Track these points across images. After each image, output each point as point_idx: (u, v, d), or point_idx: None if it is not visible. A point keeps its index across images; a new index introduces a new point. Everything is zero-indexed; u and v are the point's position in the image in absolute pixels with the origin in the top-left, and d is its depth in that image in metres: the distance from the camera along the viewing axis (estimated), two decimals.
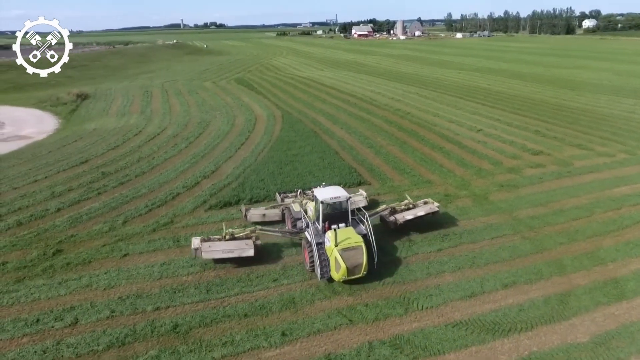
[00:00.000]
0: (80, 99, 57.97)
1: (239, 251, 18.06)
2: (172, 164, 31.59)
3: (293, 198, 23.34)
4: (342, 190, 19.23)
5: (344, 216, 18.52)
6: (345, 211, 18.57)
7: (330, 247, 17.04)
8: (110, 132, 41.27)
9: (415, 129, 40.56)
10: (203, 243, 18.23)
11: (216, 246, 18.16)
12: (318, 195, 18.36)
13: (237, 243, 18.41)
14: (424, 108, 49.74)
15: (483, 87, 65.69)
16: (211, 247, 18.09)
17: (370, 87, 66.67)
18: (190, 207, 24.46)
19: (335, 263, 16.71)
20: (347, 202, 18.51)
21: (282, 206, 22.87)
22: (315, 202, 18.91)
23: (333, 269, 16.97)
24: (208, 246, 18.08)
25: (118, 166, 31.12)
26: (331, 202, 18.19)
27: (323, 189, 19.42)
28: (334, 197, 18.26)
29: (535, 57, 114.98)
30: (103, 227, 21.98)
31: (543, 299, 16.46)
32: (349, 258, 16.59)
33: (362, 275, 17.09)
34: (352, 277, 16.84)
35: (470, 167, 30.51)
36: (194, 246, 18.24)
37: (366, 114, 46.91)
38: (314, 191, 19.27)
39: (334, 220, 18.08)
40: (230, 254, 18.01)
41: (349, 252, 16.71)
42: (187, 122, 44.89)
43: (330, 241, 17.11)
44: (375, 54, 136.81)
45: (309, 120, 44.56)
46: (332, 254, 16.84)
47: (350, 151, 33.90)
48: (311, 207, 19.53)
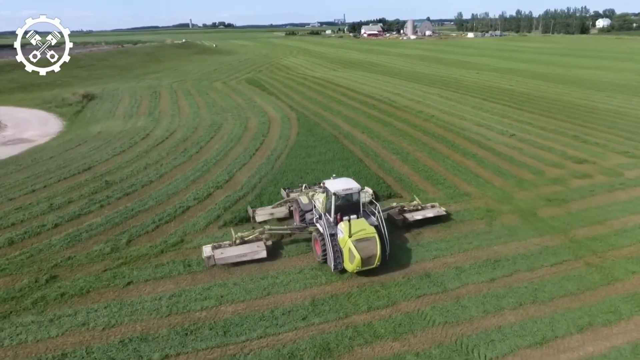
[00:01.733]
0: (86, 100, 55.67)
1: (252, 254, 18.15)
2: (181, 172, 29.01)
3: (298, 192, 22.99)
4: (354, 182, 18.88)
5: (356, 208, 18.44)
6: (357, 203, 18.46)
7: (344, 238, 16.92)
8: (116, 136, 38.83)
9: (442, 133, 37.67)
10: (215, 250, 18.12)
11: (228, 252, 18.10)
12: (330, 187, 18.13)
13: (249, 246, 18.57)
14: (448, 110, 46.79)
15: (505, 88, 62.53)
16: (223, 253, 17.98)
17: (388, 87, 63.77)
18: (203, 223, 21.81)
19: (349, 254, 16.63)
20: (358, 194, 18.38)
21: (288, 202, 22.67)
22: (326, 194, 18.72)
23: (347, 260, 16.93)
24: (220, 253, 17.97)
25: (123, 174, 28.58)
26: (343, 193, 18.02)
27: (334, 180, 19.06)
28: (346, 188, 18.06)
29: (553, 58, 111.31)
30: (104, 248, 19.40)
31: (630, 348, 13.61)
32: (363, 249, 16.51)
33: (376, 266, 16.98)
34: (366, 267, 16.78)
35: (509, 176, 27.63)
36: (205, 255, 17.93)
37: (387, 117, 44.08)
38: (325, 183, 18.86)
39: (345, 211, 17.93)
40: (243, 258, 17.99)
41: (363, 243, 16.64)
42: (197, 124, 42.34)
43: (344, 232, 16.97)
44: (388, 54, 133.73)
45: (326, 123, 41.81)
46: (346, 245, 16.78)
47: (375, 158, 31.09)
48: (320, 199, 19.37)
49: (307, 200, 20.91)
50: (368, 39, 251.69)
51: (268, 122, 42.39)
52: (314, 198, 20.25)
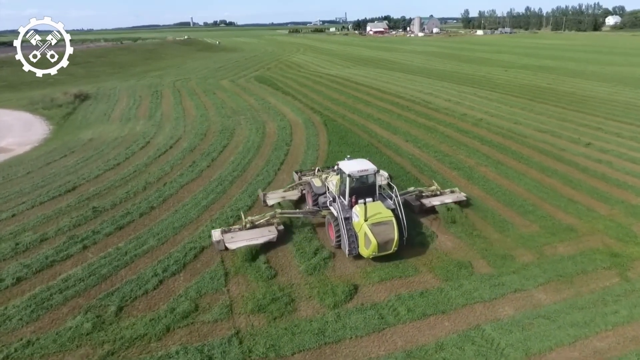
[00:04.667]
0: (78, 100, 49.37)
1: (263, 238, 17.32)
2: (190, 194, 22.80)
3: (311, 175, 21.89)
4: (370, 163, 17.44)
5: (372, 190, 17.28)
6: (372, 185, 17.30)
7: (359, 222, 15.84)
8: (110, 144, 32.60)
9: (500, 141, 31.39)
10: (224, 235, 17.42)
11: (239, 236, 17.39)
12: (344, 169, 16.93)
13: (260, 230, 17.82)
14: (495, 112, 40.47)
15: (544, 87, 56.13)
16: (234, 237, 17.30)
17: (414, 86, 57.42)
18: (222, 273, 15.63)
19: (365, 239, 15.58)
20: (374, 176, 17.19)
21: (300, 186, 21.74)
22: (340, 175, 17.51)
23: (362, 245, 15.91)
24: (230, 237, 17.31)
25: (116, 197, 22.35)
26: (358, 175, 16.88)
27: (349, 161, 17.60)
28: (361, 170, 16.88)
29: (578, 54, 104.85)
30: (83, 322, 13.19)
31: None
32: (380, 233, 15.40)
33: (393, 252, 15.91)
34: (382, 253, 15.73)
35: (614, 201, 21.39)
36: (215, 239, 17.22)
37: (427, 120, 37.77)
38: (340, 164, 17.59)
39: (360, 194, 16.79)
40: (255, 241, 17.06)
41: (379, 227, 15.50)
42: (206, 130, 36.11)
43: (359, 216, 15.84)
44: (399, 51, 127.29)
45: (358, 128, 35.53)
46: (362, 229, 15.70)
47: (434, 175, 24.81)
48: (334, 181, 18.24)
49: (319, 183, 19.78)
50: (374, 36, 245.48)
51: (289, 127, 36.13)
52: (328, 180, 19.23)
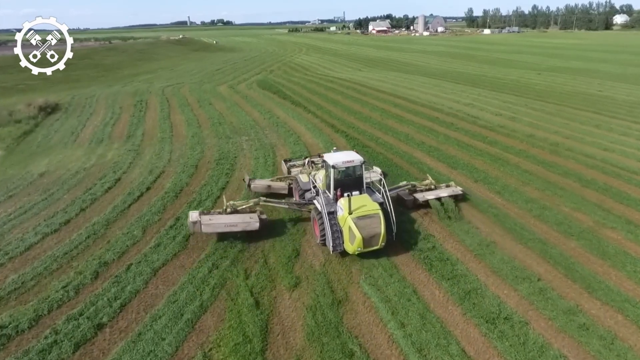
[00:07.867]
0: (43, 114, 40.50)
1: (244, 225, 16.06)
2: (167, 288, 14.12)
3: (300, 168, 21.49)
4: (356, 155, 16.72)
5: (358, 183, 16.28)
6: (359, 177, 16.36)
7: (344, 215, 14.78)
8: (66, 182, 23.86)
9: (598, 177, 22.79)
10: (202, 216, 16.10)
11: (217, 219, 16.08)
12: (329, 160, 16.03)
13: (241, 216, 16.54)
14: (570, 134, 31.58)
15: (600, 95, 47.52)
16: (212, 220, 15.99)
17: (446, 94, 48.65)
18: None
19: (350, 233, 14.46)
20: (361, 167, 16.33)
21: (289, 179, 20.83)
22: (325, 168, 16.73)
23: (347, 241, 14.75)
24: (208, 219, 16.02)
25: (41, 302, 13.58)
26: (343, 167, 15.99)
27: (334, 153, 16.91)
28: (346, 161, 15.99)
29: (605, 55, 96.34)
30: None
31: None
32: (365, 227, 14.30)
33: (380, 248, 14.78)
34: (368, 248, 14.59)
35: None
36: (191, 219, 15.85)
37: (489, 147, 28.85)
38: (325, 157, 16.81)
39: (346, 187, 15.66)
40: (233, 228, 15.88)
41: (364, 220, 14.43)
42: (199, 158, 27.42)
43: (344, 209, 14.78)
44: (408, 51, 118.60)
45: (401, 158, 26.83)
46: (346, 223, 14.62)
47: (538, 245, 16.17)
48: (320, 176, 17.49)
49: (307, 179, 18.83)
50: (377, 35, 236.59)
51: (307, 154, 27.48)
52: (313, 175, 18.36)
